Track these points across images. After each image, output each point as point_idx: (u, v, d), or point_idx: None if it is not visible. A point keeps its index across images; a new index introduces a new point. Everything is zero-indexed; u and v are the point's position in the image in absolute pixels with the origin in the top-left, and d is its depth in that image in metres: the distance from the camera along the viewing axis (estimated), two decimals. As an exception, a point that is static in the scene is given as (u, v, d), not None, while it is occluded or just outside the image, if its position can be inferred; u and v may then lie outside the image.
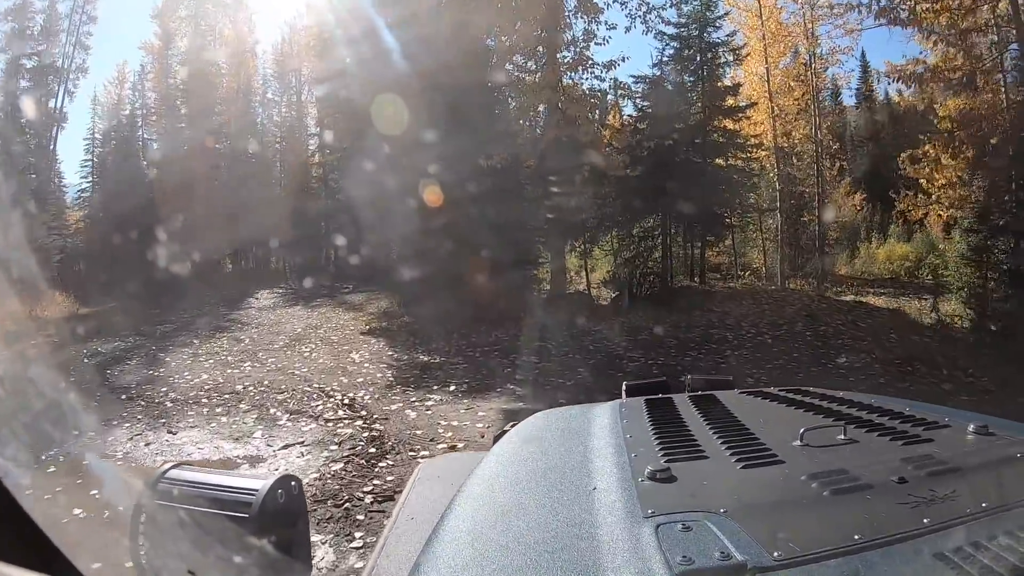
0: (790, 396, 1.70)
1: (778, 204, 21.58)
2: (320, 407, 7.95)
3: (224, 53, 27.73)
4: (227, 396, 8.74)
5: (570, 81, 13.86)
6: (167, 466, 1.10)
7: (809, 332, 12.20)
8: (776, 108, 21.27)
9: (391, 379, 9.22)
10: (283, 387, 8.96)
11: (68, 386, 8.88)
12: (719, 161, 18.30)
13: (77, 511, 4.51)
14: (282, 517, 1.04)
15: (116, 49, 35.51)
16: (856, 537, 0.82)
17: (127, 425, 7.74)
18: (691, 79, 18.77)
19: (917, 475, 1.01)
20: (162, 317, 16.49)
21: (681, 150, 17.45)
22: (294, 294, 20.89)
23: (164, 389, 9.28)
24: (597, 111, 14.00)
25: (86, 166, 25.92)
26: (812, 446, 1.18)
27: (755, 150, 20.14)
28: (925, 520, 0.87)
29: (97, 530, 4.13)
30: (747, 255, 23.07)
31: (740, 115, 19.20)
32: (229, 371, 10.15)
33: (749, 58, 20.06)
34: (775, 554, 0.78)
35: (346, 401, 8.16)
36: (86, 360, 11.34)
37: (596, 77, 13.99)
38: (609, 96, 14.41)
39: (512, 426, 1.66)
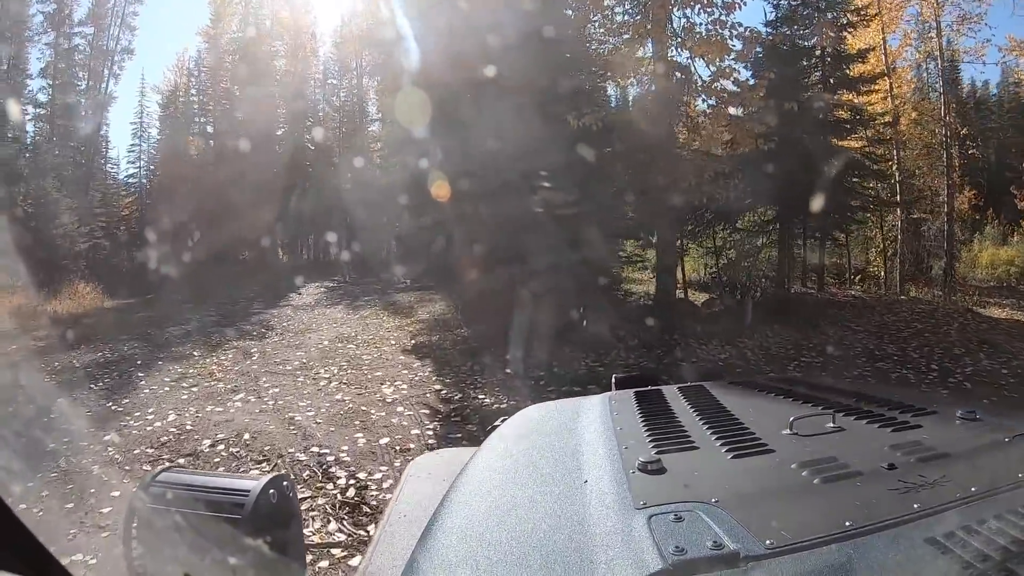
0: (779, 386, 1.63)
1: (899, 197, 17.37)
2: (305, 504, 4.41)
3: (281, 36, 25.54)
4: (180, 463, 5.34)
5: (685, 20, 9.89)
6: (158, 469, 1.06)
7: (1004, 369, 8.09)
8: (895, 86, 17.32)
9: (432, 441, 5.58)
10: (266, 450, 5.42)
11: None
12: (845, 141, 14.21)
13: None
14: (275, 517, 0.99)
15: (164, 30, 33.35)
16: (847, 524, 0.79)
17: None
18: (809, 43, 14.61)
19: (906, 461, 0.99)
20: (186, 314, 13.49)
21: (801, 127, 13.38)
22: (342, 290, 17.77)
23: (108, 438, 5.96)
24: (730, 57, 9.88)
25: (133, 151, 23.67)
26: (801, 435, 1.14)
27: (885, 130, 16.06)
28: (915, 505, 0.84)
29: None
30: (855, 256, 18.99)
31: (866, 88, 15.22)
32: (209, 409, 6.75)
33: (865, 28, 15.98)
34: (767, 542, 0.75)
35: (350, 492, 4.50)
36: (47, 379, 8.20)
37: (715, 21, 9.90)
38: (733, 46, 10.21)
39: (503, 421, 1.53)
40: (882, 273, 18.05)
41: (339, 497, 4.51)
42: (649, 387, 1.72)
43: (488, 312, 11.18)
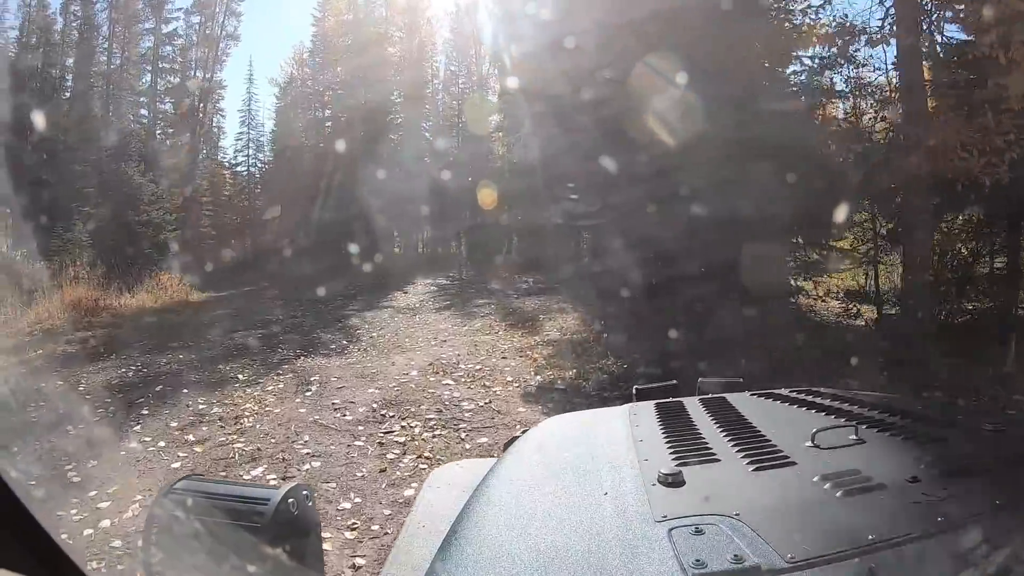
0: (801, 397, 1.53)
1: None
2: None
3: (394, 21, 24.04)
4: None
5: None
6: (178, 477, 1.00)
7: None
8: None
9: None
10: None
11: None
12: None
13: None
14: (295, 526, 0.94)
15: (274, 16, 32.61)
16: (870, 538, 0.76)
17: None
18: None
19: (930, 474, 0.93)
20: (268, 314, 11.29)
21: None
22: (454, 289, 15.06)
23: None
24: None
25: (241, 138, 22.49)
26: (824, 447, 1.07)
27: None
28: (940, 519, 0.81)
29: None
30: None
31: None
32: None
33: None
34: (788, 556, 0.73)
35: None
36: (27, 409, 5.83)
37: None
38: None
39: (523, 432, 1.48)
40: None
41: None
42: (670, 398, 1.64)
43: (641, 332, 7.95)
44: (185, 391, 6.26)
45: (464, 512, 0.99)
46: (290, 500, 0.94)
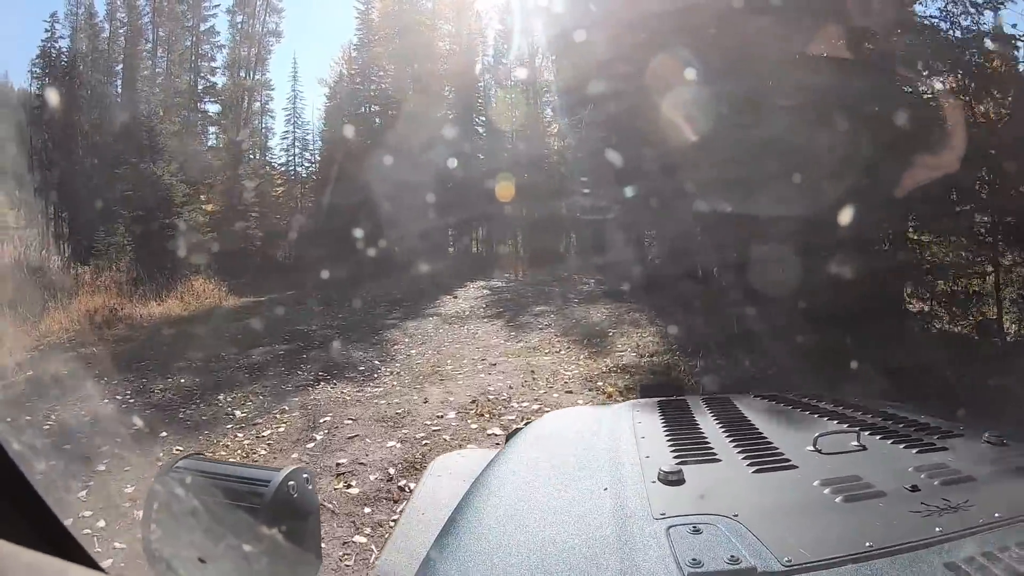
0: (804, 401, 1.52)
1: None
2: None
3: (442, 15, 23.08)
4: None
5: None
6: (180, 456, 1.00)
7: None
8: None
9: None
10: None
11: None
12: None
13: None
14: (293, 508, 0.91)
15: (314, 12, 32.00)
16: (867, 545, 0.75)
17: None
18: None
19: (930, 484, 0.93)
20: (301, 323, 10.08)
21: None
22: (508, 292, 13.66)
23: None
24: None
25: (286, 137, 21.69)
26: (825, 452, 1.08)
27: None
28: (937, 529, 0.79)
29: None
30: None
31: None
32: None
33: None
34: (785, 559, 0.72)
35: None
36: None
37: None
38: None
39: (526, 424, 1.47)
40: None
41: None
42: (674, 397, 1.61)
43: (749, 355, 6.30)
44: (163, 435, 4.93)
45: (464, 502, 0.98)
46: (290, 483, 0.90)
